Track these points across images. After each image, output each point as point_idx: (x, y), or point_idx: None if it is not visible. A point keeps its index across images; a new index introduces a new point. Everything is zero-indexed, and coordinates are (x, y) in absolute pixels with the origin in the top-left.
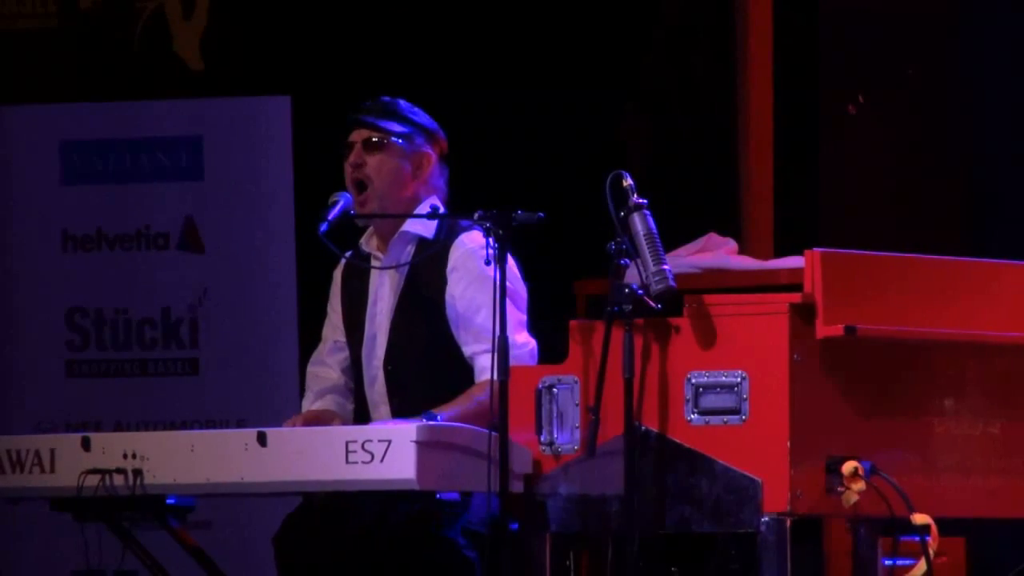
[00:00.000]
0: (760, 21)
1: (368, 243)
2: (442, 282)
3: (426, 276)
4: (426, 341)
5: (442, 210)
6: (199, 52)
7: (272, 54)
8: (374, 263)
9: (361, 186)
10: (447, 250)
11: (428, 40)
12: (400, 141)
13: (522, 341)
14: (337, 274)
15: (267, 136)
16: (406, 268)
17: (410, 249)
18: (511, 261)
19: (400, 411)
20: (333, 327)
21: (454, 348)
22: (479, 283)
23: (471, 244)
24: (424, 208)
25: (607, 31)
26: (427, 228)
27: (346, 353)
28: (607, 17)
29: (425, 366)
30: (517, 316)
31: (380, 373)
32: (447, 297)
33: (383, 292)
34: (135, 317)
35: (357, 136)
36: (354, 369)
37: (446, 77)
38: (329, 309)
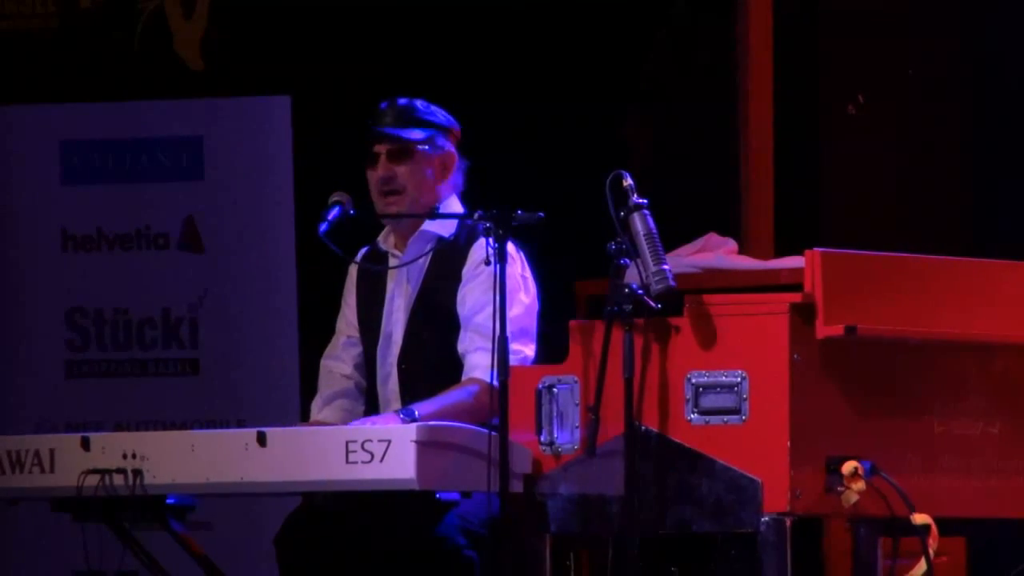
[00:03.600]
0: (760, 21)
1: (386, 241)
2: (458, 283)
3: (444, 277)
4: (441, 341)
5: (461, 208)
6: (199, 52)
7: (272, 54)
8: (392, 262)
9: (394, 193)
10: (466, 252)
11: (428, 39)
12: (425, 148)
13: (514, 348)
14: (352, 270)
15: (267, 136)
16: (424, 268)
17: (429, 249)
18: (528, 270)
19: None
20: (347, 323)
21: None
22: (488, 285)
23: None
24: (446, 208)
25: (608, 32)
26: (446, 228)
27: (360, 348)
28: (608, 18)
29: (439, 366)
30: (519, 324)
31: (394, 371)
32: (458, 296)
33: (400, 291)
34: (135, 317)
35: (380, 147)
36: (367, 366)
37: (446, 76)
38: (343, 304)
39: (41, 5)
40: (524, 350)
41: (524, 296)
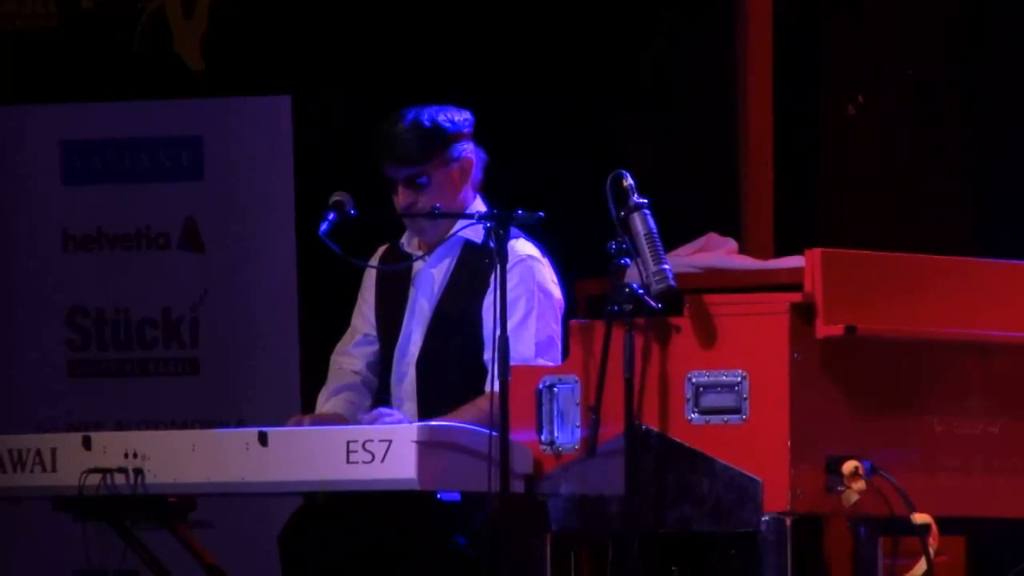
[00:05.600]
0: (760, 21)
1: (409, 243)
2: (485, 287)
3: (470, 281)
4: (462, 344)
5: (484, 208)
6: (199, 52)
7: (272, 54)
8: (416, 263)
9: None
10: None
11: (428, 39)
12: (441, 168)
13: (540, 363)
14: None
15: (267, 136)
16: (450, 270)
17: (455, 252)
18: (552, 277)
19: (427, 410)
20: (364, 319)
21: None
22: (516, 295)
23: (520, 254)
24: (472, 211)
25: (608, 31)
26: (476, 233)
27: (375, 347)
28: (608, 17)
29: (457, 368)
30: (545, 333)
31: (411, 371)
32: (485, 301)
33: (424, 291)
34: (135, 317)
35: (397, 175)
36: (382, 364)
37: (445, 76)
38: (360, 300)
39: (41, 5)
40: (551, 363)
41: (555, 306)
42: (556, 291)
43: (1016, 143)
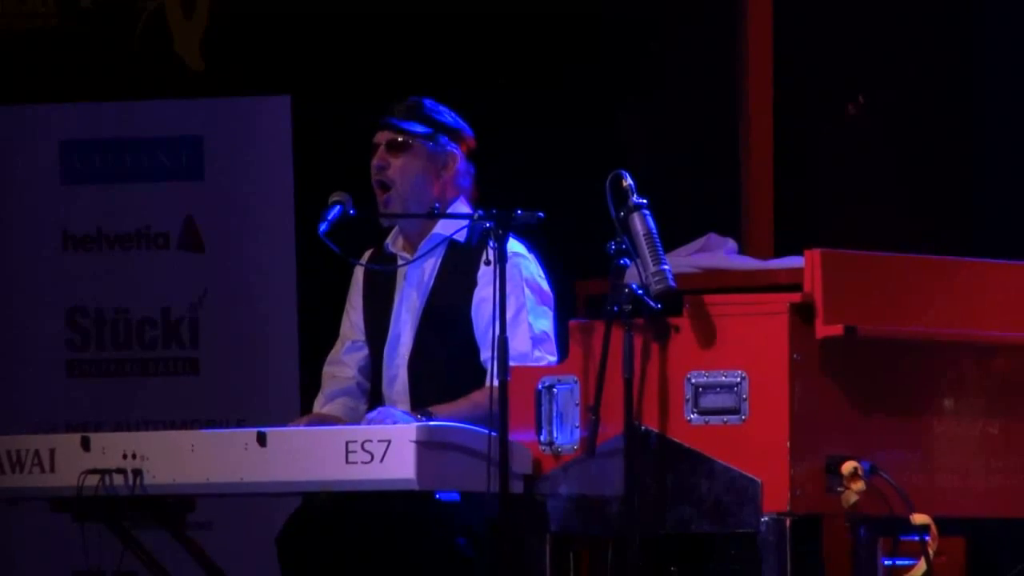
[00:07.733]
0: (760, 20)
1: (394, 244)
2: (472, 285)
3: (456, 279)
4: (452, 343)
5: (468, 209)
6: (199, 52)
7: (272, 54)
8: (400, 264)
9: (384, 187)
10: (479, 255)
11: (427, 40)
12: (424, 142)
13: (536, 356)
14: (358, 273)
15: (267, 136)
16: (435, 269)
17: (440, 251)
18: (542, 270)
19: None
20: (352, 325)
21: (478, 351)
22: (508, 290)
23: (507, 252)
24: (453, 212)
25: (607, 30)
26: (460, 232)
27: (364, 352)
28: (608, 16)
29: (449, 367)
30: (539, 328)
31: (401, 372)
32: (474, 299)
33: (410, 292)
34: (135, 317)
35: (381, 138)
36: (373, 368)
37: (445, 77)
38: (348, 307)
39: (41, 5)
40: (549, 356)
41: (545, 301)
42: (545, 286)
43: (1015, 143)
